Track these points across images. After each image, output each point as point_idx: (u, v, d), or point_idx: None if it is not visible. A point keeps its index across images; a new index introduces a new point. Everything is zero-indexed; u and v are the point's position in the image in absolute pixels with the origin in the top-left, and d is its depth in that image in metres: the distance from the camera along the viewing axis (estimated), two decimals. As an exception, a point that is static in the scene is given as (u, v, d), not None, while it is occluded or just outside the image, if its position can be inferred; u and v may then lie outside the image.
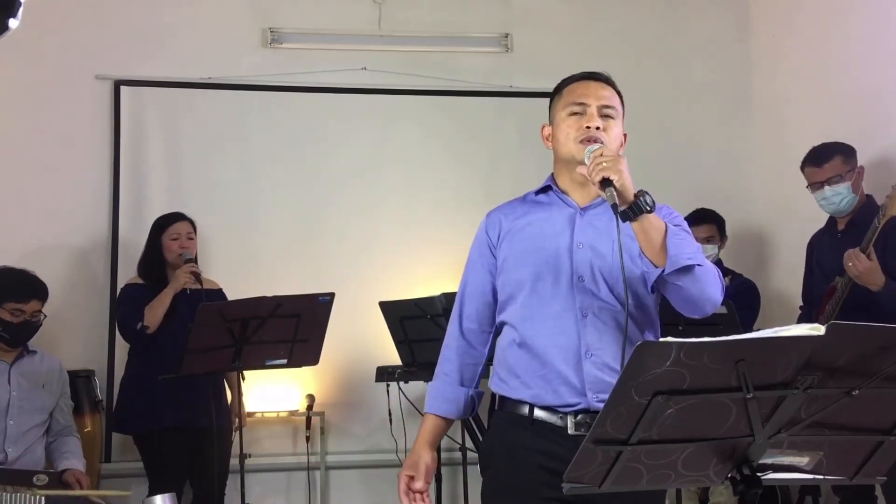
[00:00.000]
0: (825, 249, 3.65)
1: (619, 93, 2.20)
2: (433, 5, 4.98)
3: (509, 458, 2.08)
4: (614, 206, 1.87)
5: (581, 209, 2.15)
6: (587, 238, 2.10)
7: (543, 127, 2.24)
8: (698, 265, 1.95)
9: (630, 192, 1.88)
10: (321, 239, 4.70)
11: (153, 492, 3.45)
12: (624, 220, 1.89)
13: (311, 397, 4.50)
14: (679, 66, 5.10)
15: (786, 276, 4.37)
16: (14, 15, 1.78)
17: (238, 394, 3.96)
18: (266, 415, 4.46)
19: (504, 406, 2.14)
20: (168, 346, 3.76)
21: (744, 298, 3.97)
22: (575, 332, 2.05)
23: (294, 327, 3.59)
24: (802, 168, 3.62)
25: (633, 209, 1.87)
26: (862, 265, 3.24)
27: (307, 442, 4.46)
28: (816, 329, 1.36)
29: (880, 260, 3.26)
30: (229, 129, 4.74)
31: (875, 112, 3.96)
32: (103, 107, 4.63)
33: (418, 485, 2.12)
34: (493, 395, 2.19)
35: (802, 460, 1.55)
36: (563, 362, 2.04)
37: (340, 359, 4.43)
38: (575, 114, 2.13)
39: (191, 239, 4.01)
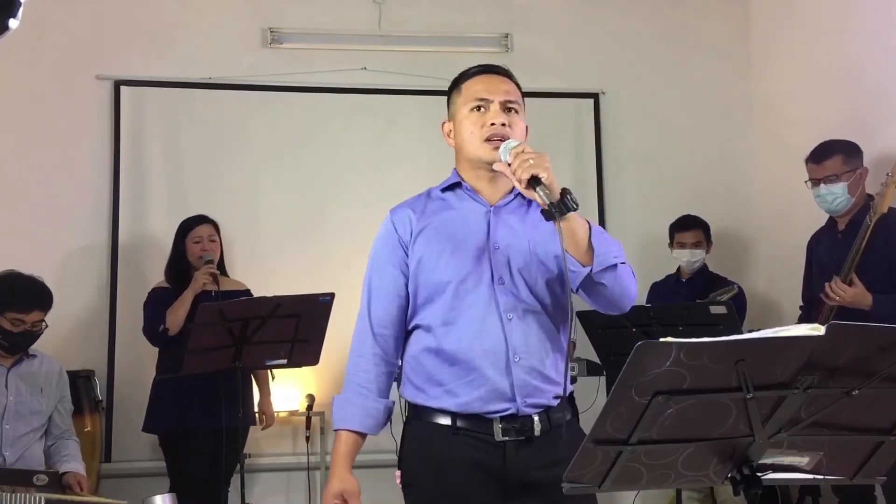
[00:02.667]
0: (825, 249, 3.65)
1: (519, 86, 2.13)
2: (433, 5, 4.98)
3: (435, 472, 1.99)
4: (551, 205, 1.79)
5: (493, 207, 2.07)
6: (503, 238, 2.03)
7: (444, 123, 2.16)
8: (622, 263, 1.92)
9: (557, 189, 1.82)
10: (321, 239, 4.69)
11: (175, 490, 3.44)
12: (548, 220, 1.81)
13: (311, 397, 4.50)
14: (679, 66, 5.10)
15: (786, 275, 4.37)
16: (14, 15, 1.77)
17: (266, 393, 3.97)
18: (266, 415, 4.46)
19: (421, 416, 2.03)
20: None
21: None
22: (501, 335, 1.97)
23: (294, 327, 3.58)
24: (805, 162, 3.62)
25: (559, 207, 1.80)
26: (848, 294, 3.27)
27: (307, 442, 4.47)
28: (816, 329, 1.36)
29: (883, 259, 3.27)
30: (229, 129, 4.74)
31: (875, 111, 3.97)
32: (103, 107, 4.63)
33: None
34: (406, 403, 2.09)
35: (802, 460, 1.55)
36: (491, 367, 1.96)
37: (340, 359, 4.35)
38: (477, 109, 2.06)
39: (213, 241, 4.02)
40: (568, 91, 4.95)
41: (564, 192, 1.82)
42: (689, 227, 4.34)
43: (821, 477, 1.61)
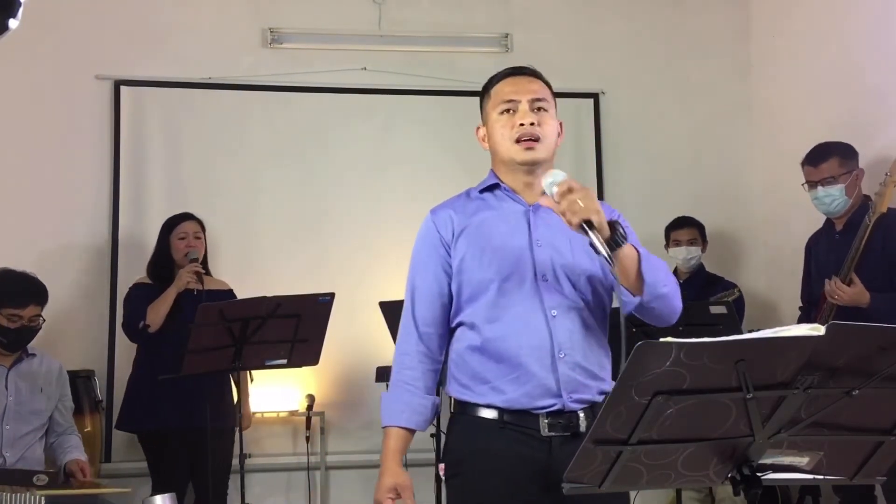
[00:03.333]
0: (823, 250, 3.65)
1: (548, 84, 2.17)
2: (433, 5, 4.98)
3: (480, 464, 2.01)
4: (608, 257, 1.80)
5: (532, 206, 2.10)
6: (544, 236, 2.06)
7: (478, 128, 2.20)
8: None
9: (606, 228, 1.83)
10: (321, 239, 4.69)
11: (156, 491, 3.45)
12: (607, 262, 1.82)
13: (311, 397, 4.50)
14: (679, 66, 5.09)
15: (785, 276, 4.37)
16: (14, 15, 1.78)
17: (244, 394, 3.97)
18: (266, 415, 4.46)
19: (466, 410, 2.06)
20: (172, 346, 3.75)
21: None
22: (546, 331, 2.00)
23: (294, 327, 3.58)
24: (802, 165, 3.63)
25: (611, 245, 1.82)
26: (846, 294, 3.29)
27: (307, 442, 4.46)
28: (816, 329, 1.36)
29: (882, 260, 3.27)
30: (229, 129, 4.74)
31: (874, 112, 3.97)
32: (103, 107, 4.63)
33: None
34: (451, 400, 2.12)
35: (802, 460, 1.55)
36: (537, 363, 1.99)
37: (340, 359, 4.43)
38: (507, 111, 2.10)
39: (198, 238, 4.01)
40: (568, 91, 4.91)
41: (613, 227, 1.84)
42: (683, 226, 4.38)
43: (821, 477, 1.61)
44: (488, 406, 2.02)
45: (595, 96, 4.99)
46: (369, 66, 4.84)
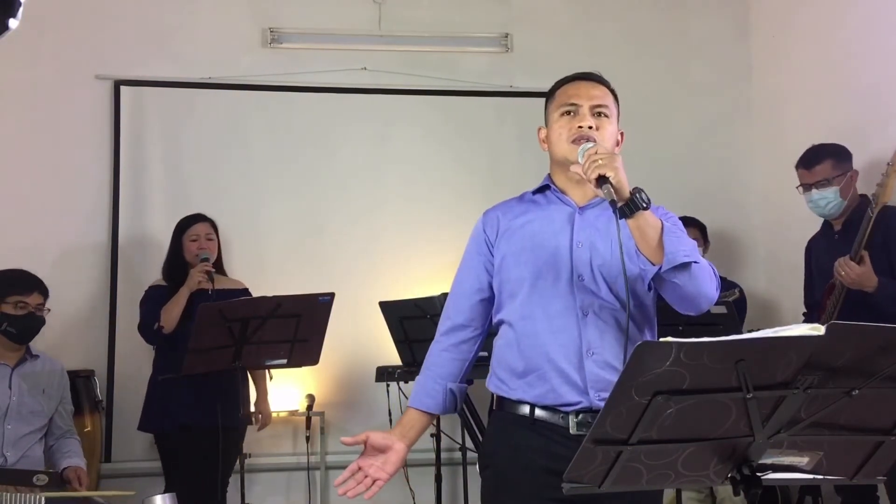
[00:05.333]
0: (823, 252, 3.65)
1: (613, 92, 2.21)
2: (433, 5, 4.98)
3: (510, 458, 2.07)
4: (613, 203, 1.86)
5: (580, 208, 2.14)
6: (587, 237, 2.09)
7: (539, 129, 2.24)
8: (695, 262, 1.95)
9: (626, 188, 1.87)
10: (321, 239, 4.70)
11: (170, 491, 3.44)
12: (620, 217, 1.88)
13: (311, 397, 4.50)
14: (679, 66, 5.10)
15: (786, 276, 4.37)
16: (14, 15, 1.77)
17: (263, 392, 3.97)
18: (266, 415, 4.46)
19: (503, 406, 2.12)
20: (186, 347, 3.76)
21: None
22: (576, 330, 2.03)
23: (294, 327, 3.59)
24: (796, 168, 3.63)
25: (629, 206, 1.87)
26: (854, 272, 3.26)
27: (307, 442, 4.46)
28: (816, 329, 1.36)
29: (882, 254, 3.26)
30: (229, 129, 4.74)
31: (875, 112, 3.96)
32: (103, 107, 4.63)
33: (373, 470, 2.07)
34: (492, 395, 2.18)
35: (802, 460, 1.55)
36: (564, 361, 2.03)
37: (340, 359, 4.43)
38: (567, 114, 2.13)
39: (210, 240, 4.02)
40: (568, 91, 4.94)
41: (635, 191, 1.88)
42: (684, 226, 4.35)
43: (821, 477, 1.61)
44: (521, 402, 2.07)
45: (595, 96, 4.97)
46: (369, 66, 4.84)
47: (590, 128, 2.09)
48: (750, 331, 1.79)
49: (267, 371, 3.93)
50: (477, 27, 5.00)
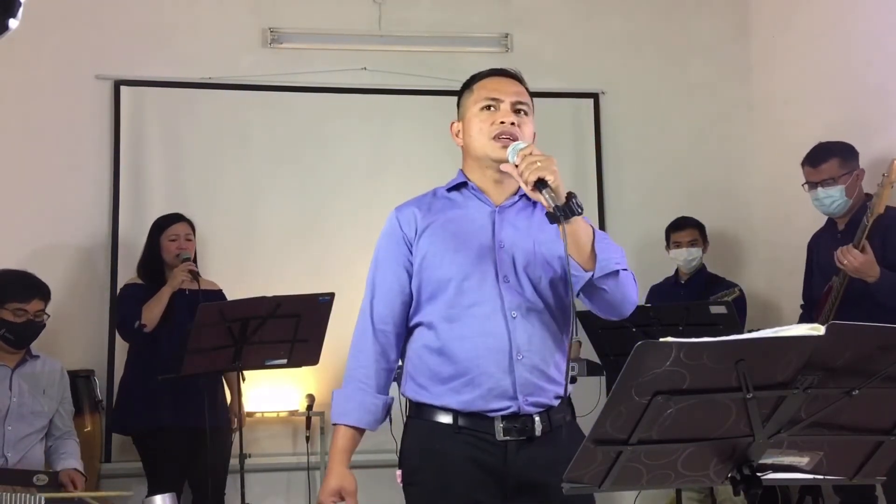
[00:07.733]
0: (825, 250, 3.65)
1: (528, 90, 2.15)
2: (433, 5, 4.98)
3: (436, 470, 1.99)
4: (556, 209, 1.79)
5: (498, 207, 2.08)
6: (508, 237, 2.04)
7: (452, 123, 2.18)
8: (623, 269, 1.93)
9: (562, 193, 1.82)
10: (321, 238, 4.69)
11: (152, 492, 3.44)
12: (553, 223, 1.81)
13: (311, 397, 4.50)
14: (679, 66, 5.09)
15: (785, 276, 4.37)
16: (14, 15, 1.77)
17: (237, 394, 3.96)
18: (266, 415, 4.46)
19: (422, 413, 2.04)
20: (166, 346, 3.78)
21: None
22: (505, 333, 1.97)
23: (294, 327, 3.58)
24: (802, 165, 3.62)
25: (564, 211, 1.80)
26: (857, 259, 3.24)
27: (307, 442, 4.47)
28: (816, 329, 1.36)
29: (879, 256, 3.26)
30: (229, 129, 4.74)
31: (875, 112, 3.96)
32: (103, 107, 4.63)
33: None
34: (408, 401, 2.09)
35: (802, 460, 1.55)
36: (494, 365, 1.96)
37: (340, 359, 4.34)
38: (488, 108, 2.08)
39: (189, 240, 4.02)
40: (568, 91, 4.94)
41: (570, 196, 1.83)
42: (683, 227, 4.36)
43: (821, 477, 1.61)
44: (444, 408, 1.99)
45: (595, 96, 4.98)
46: (369, 66, 4.84)
47: (512, 124, 2.04)
48: (750, 331, 1.79)
49: (240, 373, 3.88)
50: (477, 27, 5.00)
